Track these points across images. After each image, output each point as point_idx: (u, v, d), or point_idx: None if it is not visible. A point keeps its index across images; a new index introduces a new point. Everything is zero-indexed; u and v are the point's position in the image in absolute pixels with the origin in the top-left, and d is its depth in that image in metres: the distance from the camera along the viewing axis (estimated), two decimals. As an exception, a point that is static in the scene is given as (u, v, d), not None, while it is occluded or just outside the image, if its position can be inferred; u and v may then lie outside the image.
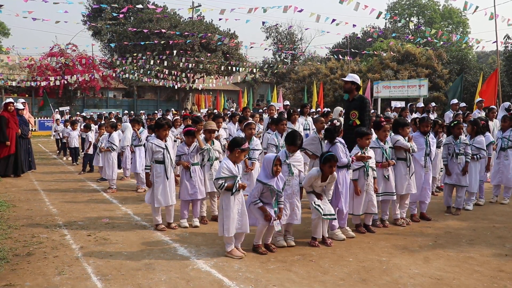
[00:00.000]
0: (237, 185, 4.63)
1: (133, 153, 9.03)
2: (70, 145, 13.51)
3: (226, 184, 4.58)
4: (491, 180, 7.85)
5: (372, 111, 18.86)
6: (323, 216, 4.95)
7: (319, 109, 17.79)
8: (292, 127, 8.38)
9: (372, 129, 6.96)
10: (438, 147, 7.48)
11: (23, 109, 11.92)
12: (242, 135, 6.85)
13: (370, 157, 5.58)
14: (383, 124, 5.93)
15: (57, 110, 27.03)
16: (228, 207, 4.60)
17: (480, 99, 12.74)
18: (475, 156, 6.99)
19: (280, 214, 4.82)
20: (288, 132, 5.41)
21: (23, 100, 12.66)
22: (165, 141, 5.92)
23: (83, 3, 14.81)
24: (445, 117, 12.59)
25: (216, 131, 6.53)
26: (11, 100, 11.24)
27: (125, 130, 9.88)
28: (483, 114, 11.14)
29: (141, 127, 9.01)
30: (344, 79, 6.59)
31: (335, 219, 5.17)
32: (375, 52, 28.73)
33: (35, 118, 28.12)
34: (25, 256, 4.64)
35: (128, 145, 9.66)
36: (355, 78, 6.48)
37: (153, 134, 6.29)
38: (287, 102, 18.11)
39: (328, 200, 5.12)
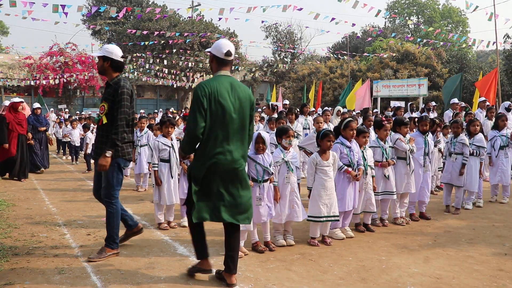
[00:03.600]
0: None
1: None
2: (72, 143, 13.54)
3: None
4: (490, 180, 7.85)
5: (375, 110, 18.92)
6: (321, 220, 4.99)
7: (319, 108, 17.79)
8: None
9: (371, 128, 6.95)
10: (434, 146, 7.49)
11: (39, 108, 11.90)
12: None
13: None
14: (384, 123, 5.93)
15: (52, 109, 26.92)
16: None
17: (484, 98, 12.74)
18: (475, 151, 6.99)
19: (277, 195, 4.87)
20: (278, 128, 5.40)
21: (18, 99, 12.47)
22: (171, 139, 5.93)
23: (82, 9, 14.65)
24: (444, 116, 12.59)
25: None
26: (18, 99, 10.53)
27: None
28: (484, 113, 11.14)
29: (146, 128, 8.99)
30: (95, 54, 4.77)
31: (337, 220, 5.17)
32: (375, 54, 28.73)
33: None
34: (25, 255, 4.64)
35: None
36: (109, 50, 4.49)
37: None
38: (287, 101, 18.11)
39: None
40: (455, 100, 13.09)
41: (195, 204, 3.77)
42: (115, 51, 4.50)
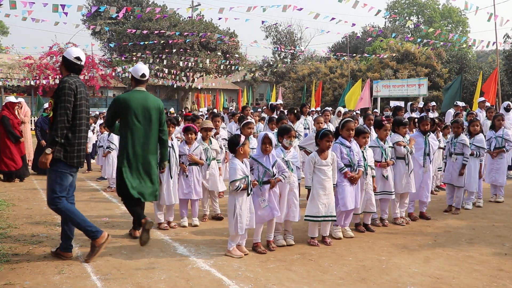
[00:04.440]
0: (252, 185, 4.66)
1: None
2: None
3: (242, 186, 4.58)
4: (486, 179, 7.86)
5: (375, 110, 18.93)
6: (319, 219, 4.99)
7: (319, 108, 17.79)
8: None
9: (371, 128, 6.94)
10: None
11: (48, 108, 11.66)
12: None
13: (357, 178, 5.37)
14: (384, 123, 5.92)
15: None
16: (242, 206, 4.61)
17: (483, 99, 12.77)
18: (475, 152, 6.99)
19: (273, 182, 4.79)
20: (280, 127, 5.40)
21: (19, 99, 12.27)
22: (171, 139, 5.92)
23: (82, 9, 14.60)
24: (447, 115, 12.61)
25: (212, 129, 6.48)
26: (14, 100, 10.22)
27: None
28: (484, 114, 11.16)
29: None
30: None
31: (334, 220, 5.17)
32: (376, 55, 28.73)
33: (34, 118, 28.02)
34: (25, 255, 4.64)
35: None
36: (66, 50, 4.70)
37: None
38: (280, 101, 18.04)
39: (334, 184, 5.12)
40: (458, 102, 13.10)
41: (129, 188, 4.95)
42: (70, 51, 4.54)
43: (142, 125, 5.01)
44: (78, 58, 4.51)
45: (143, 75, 5.18)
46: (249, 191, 4.63)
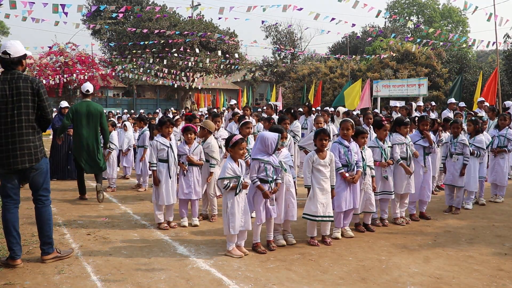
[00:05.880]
0: (241, 186, 4.66)
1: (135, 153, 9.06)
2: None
3: (231, 185, 4.60)
4: (488, 179, 7.86)
5: (375, 110, 18.92)
6: (317, 219, 4.99)
7: (319, 108, 17.78)
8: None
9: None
10: (437, 146, 7.49)
11: (67, 108, 11.35)
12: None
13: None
14: (384, 123, 5.90)
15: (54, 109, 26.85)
16: (233, 206, 4.62)
17: (482, 98, 12.77)
18: (475, 152, 6.98)
19: (276, 188, 4.83)
20: (271, 128, 5.39)
21: None
22: (170, 140, 5.91)
23: (82, 9, 14.56)
24: (442, 115, 12.60)
25: (204, 129, 6.38)
26: None
27: (129, 129, 9.94)
28: (483, 113, 11.17)
29: (145, 127, 8.99)
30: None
31: (332, 221, 5.16)
32: (376, 55, 28.74)
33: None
34: (25, 255, 4.63)
35: (131, 144, 9.68)
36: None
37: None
38: (234, 101, 18.03)
39: (332, 186, 5.11)
40: (452, 100, 13.09)
41: (83, 164, 7.49)
42: (11, 47, 4.30)
43: (85, 125, 7.38)
44: (4, 53, 4.24)
45: (88, 91, 7.59)
46: (237, 191, 4.64)
